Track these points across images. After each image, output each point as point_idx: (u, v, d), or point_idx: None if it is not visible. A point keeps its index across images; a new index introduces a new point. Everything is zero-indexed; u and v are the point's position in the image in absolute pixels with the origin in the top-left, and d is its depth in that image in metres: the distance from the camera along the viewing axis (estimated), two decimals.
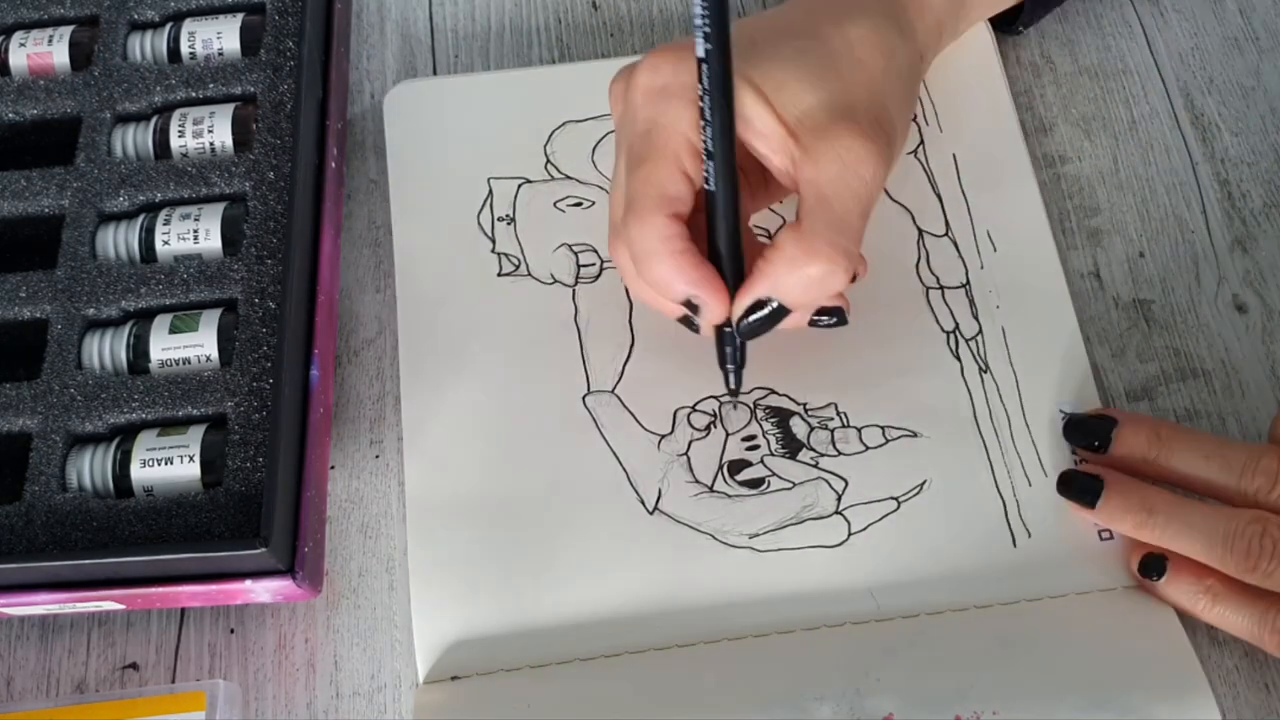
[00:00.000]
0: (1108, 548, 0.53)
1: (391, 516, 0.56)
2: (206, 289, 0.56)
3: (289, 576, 0.50)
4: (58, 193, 0.58)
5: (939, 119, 0.63)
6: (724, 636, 0.52)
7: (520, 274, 0.60)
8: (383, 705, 0.52)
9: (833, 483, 0.55)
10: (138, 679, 0.53)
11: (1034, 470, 0.55)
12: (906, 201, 0.61)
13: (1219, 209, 0.61)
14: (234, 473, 0.52)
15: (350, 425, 0.58)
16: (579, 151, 0.63)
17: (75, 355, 0.55)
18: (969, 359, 0.57)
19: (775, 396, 0.57)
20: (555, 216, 0.61)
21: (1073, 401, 0.56)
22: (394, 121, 0.64)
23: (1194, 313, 0.59)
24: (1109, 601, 0.52)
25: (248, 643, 0.54)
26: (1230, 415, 0.56)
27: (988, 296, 0.59)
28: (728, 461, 0.56)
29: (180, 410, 0.54)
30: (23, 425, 0.53)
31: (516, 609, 0.53)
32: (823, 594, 0.52)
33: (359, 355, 0.60)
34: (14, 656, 0.54)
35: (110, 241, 0.57)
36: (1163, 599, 0.51)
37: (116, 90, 0.61)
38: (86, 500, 0.52)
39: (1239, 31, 0.66)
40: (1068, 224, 0.61)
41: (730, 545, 0.54)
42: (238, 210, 0.58)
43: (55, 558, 0.50)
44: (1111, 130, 0.64)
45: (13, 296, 0.56)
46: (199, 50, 0.62)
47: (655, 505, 0.55)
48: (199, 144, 0.60)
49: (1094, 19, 0.67)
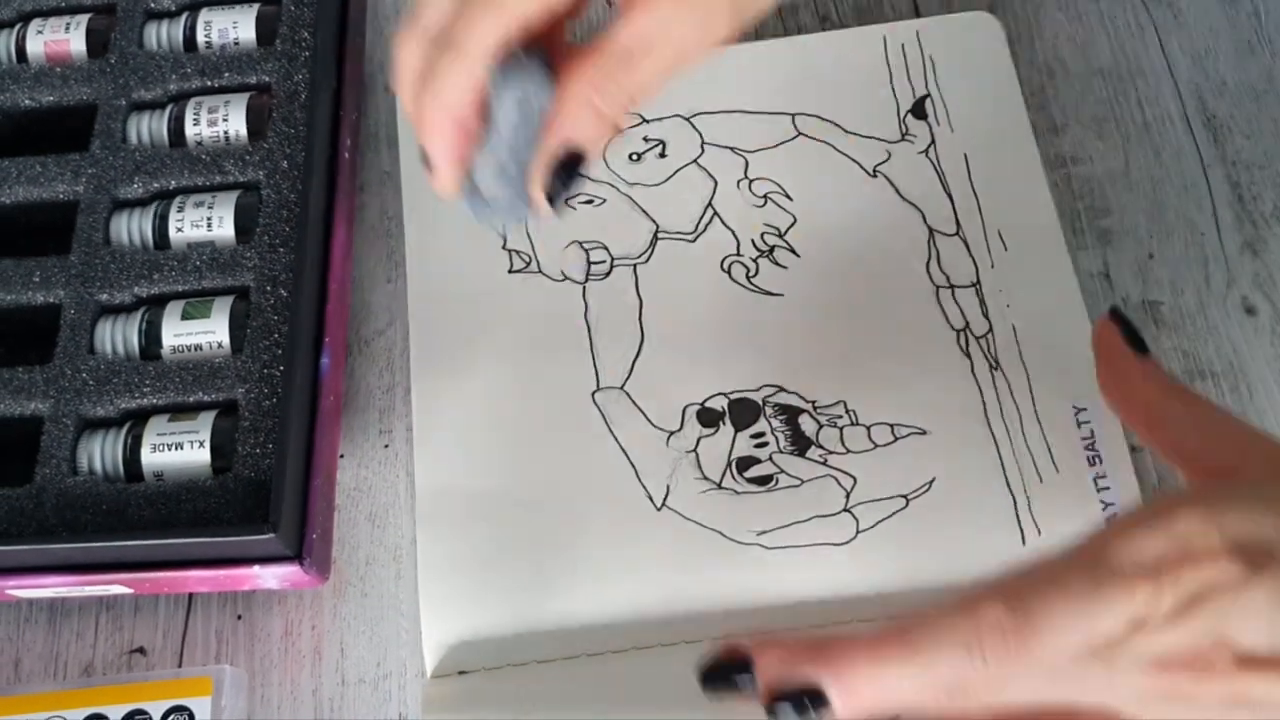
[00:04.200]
0: None
1: (400, 506, 0.56)
2: (219, 276, 0.56)
3: (297, 563, 0.50)
4: (73, 179, 0.58)
5: (950, 119, 0.63)
6: (731, 633, 0.51)
7: (531, 271, 0.60)
8: (388, 693, 0.52)
9: (841, 480, 0.54)
10: (145, 663, 0.53)
11: (1045, 467, 0.54)
12: (917, 201, 0.61)
13: (1230, 211, 0.61)
14: (244, 459, 0.52)
15: (360, 415, 0.58)
16: None
17: (88, 340, 0.55)
18: (979, 356, 0.57)
19: (784, 394, 0.56)
20: (566, 214, 0.61)
21: (1087, 398, 0.55)
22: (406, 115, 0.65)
23: (1203, 315, 0.59)
24: None
25: (254, 629, 0.54)
26: (1238, 417, 0.56)
27: (998, 295, 0.58)
28: (736, 458, 0.55)
29: (191, 396, 0.53)
30: (35, 409, 0.53)
31: (524, 605, 0.52)
32: (830, 592, 0.52)
33: (369, 345, 0.60)
34: (22, 639, 0.54)
35: (124, 228, 0.57)
36: None
37: (132, 78, 0.61)
38: (97, 484, 0.52)
39: (1252, 34, 0.66)
40: (1078, 224, 0.61)
41: (738, 542, 0.53)
42: (251, 198, 0.58)
43: (65, 540, 0.50)
44: (1123, 131, 0.63)
45: (26, 281, 0.56)
46: (215, 39, 0.62)
47: (663, 502, 0.54)
48: (213, 132, 0.59)
49: (1107, 20, 0.67)
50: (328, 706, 0.52)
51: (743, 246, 0.60)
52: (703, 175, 0.62)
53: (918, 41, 0.64)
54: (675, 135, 0.63)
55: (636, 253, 0.60)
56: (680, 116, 0.63)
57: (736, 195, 0.61)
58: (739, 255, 0.60)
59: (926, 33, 0.65)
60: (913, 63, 0.64)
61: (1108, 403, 0.44)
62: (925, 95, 0.63)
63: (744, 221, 0.60)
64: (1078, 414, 0.55)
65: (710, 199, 0.61)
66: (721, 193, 0.61)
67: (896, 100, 0.63)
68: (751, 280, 0.59)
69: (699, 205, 0.61)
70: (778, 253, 0.59)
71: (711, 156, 0.62)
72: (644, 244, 0.60)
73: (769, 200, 0.61)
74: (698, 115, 0.63)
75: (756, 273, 0.59)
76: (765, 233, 0.60)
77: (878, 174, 0.61)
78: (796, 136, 0.62)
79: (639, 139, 0.63)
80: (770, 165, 0.62)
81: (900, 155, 0.62)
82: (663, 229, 0.60)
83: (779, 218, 0.60)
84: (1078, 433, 0.55)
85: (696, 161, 0.62)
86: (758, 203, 0.61)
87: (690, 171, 0.62)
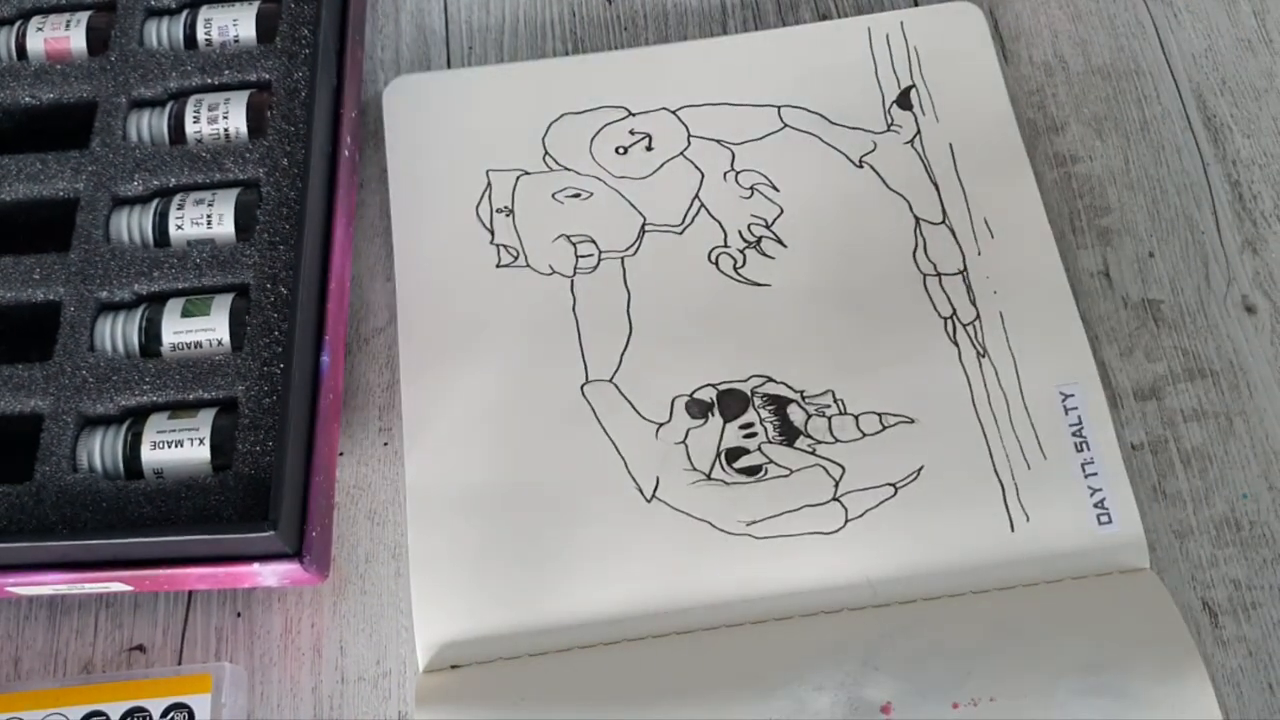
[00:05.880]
0: (1106, 532, 0.53)
1: (399, 504, 0.56)
2: (219, 273, 0.56)
3: (296, 560, 0.50)
4: (73, 176, 0.58)
5: (935, 108, 0.62)
6: (721, 624, 0.51)
7: (519, 265, 0.60)
8: (387, 691, 0.52)
9: (830, 469, 0.54)
10: (144, 660, 0.53)
11: (1033, 454, 0.54)
12: (903, 190, 0.60)
13: (1229, 210, 0.61)
14: (243, 456, 0.52)
15: (359, 412, 0.58)
16: (577, 143, 0.62)
17: (88, 337, 0.54)
18: (966, 343, 0.57)
19: (773, 384, 0.56)
20: (553, 208, 0.61)
21: (1073, 382, 0.56)
22: (393, 115, 0.64)
23: (1203, 313, 0.59)
24: (1106, 586, 0.51)
25: (254, 626, 0.54)
26: (1238, 415, 0.56)
27: (985, 282, 0.58)
28: (725, 449, 0.55)
29: (191, 393, 0.53)
30: (34, 406, 0.53)
31: (515, 598, 0.52)
32: (820, 581, 0.52)
33: (369, 343, 0.60)
34: (22, 637, 0.54)
35: (124, 225, 0.57)
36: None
37: (132, 75, 0.60)
38: (96, 481, 0.51)
39: (1252, 33, 0.66)
40: (1078, 223, 0.61)
41: (728, 533, 0.53)
42: (251, 196, 0.57)
43: (65, 538, 0.50)
44: (1123, 130, 0.63)
45: (26, 278, 0.56)
46: (215, 37, 0.62)
47: (653, 493, 0.54)
48: (214, 130, 0.59)
49: (1107, 19, 0.67)
50: (327, 704, 0.52)
51: (730, 238, 0.60)
52: (689, 168, 0.61)
53: (902, 32, 0.64)
54: (662, 128, 0.63)
55: (624, 245, 0.60)
56: (666, 110, 0.63)
57: (723, 187, 0.61)
58: (726, 247, 0.59)
59: (910, 24, 0.64)
60: (897, 54, 0.64)
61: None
62: (910, 86, 0.63)
63: (731, 213, 0.60)
64: (1065, 400, 0.55)
65: (697, 191, 0.61)
66: (708, 185, 0.61)
67: (882, 91, 0.63)
68: (739, 271, 0.59)
69: (686, 197, 0.61)
70: (765, 244, 0.59)
71: (698, 149, 0.62)
72: (631, 237, 0.60)
73: (756, 192, 0.61)
74: (684, 108, 0.63)
75: (744, 264, 0.59)
76: (752, 224, 0.60)
77: (864, 164, 0.61)
78: (783, 128, 0.62)
79: (625, 132, 0.62)
80: (756, 157, 0.62)
81: (886, 146, 0.62)
82: (650, 221, 0.60)
83: (766, 209, 0.60)
84: (1065, 419, 0.55)
85: (683, 154, 0.62)
86: (744, 194, 0.61)
87: (677, 164, 0.62)
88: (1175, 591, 0.52)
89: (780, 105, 0.63)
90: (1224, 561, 0.53)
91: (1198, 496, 0.55)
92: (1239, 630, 0.52)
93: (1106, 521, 0.53)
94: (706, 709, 0.49)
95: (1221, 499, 0.54)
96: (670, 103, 0.63)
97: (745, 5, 0.67)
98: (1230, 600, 0.53)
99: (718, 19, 0.67)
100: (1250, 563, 0.53)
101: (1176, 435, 0.56)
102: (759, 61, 0.64)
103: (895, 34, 0.64)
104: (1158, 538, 0.54)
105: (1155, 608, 0.51)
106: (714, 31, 0.67)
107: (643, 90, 0.64)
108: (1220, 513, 0.54)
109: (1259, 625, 0.52)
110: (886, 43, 0.64)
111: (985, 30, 0.64)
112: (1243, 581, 0.53)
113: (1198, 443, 0.56)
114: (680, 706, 0.49)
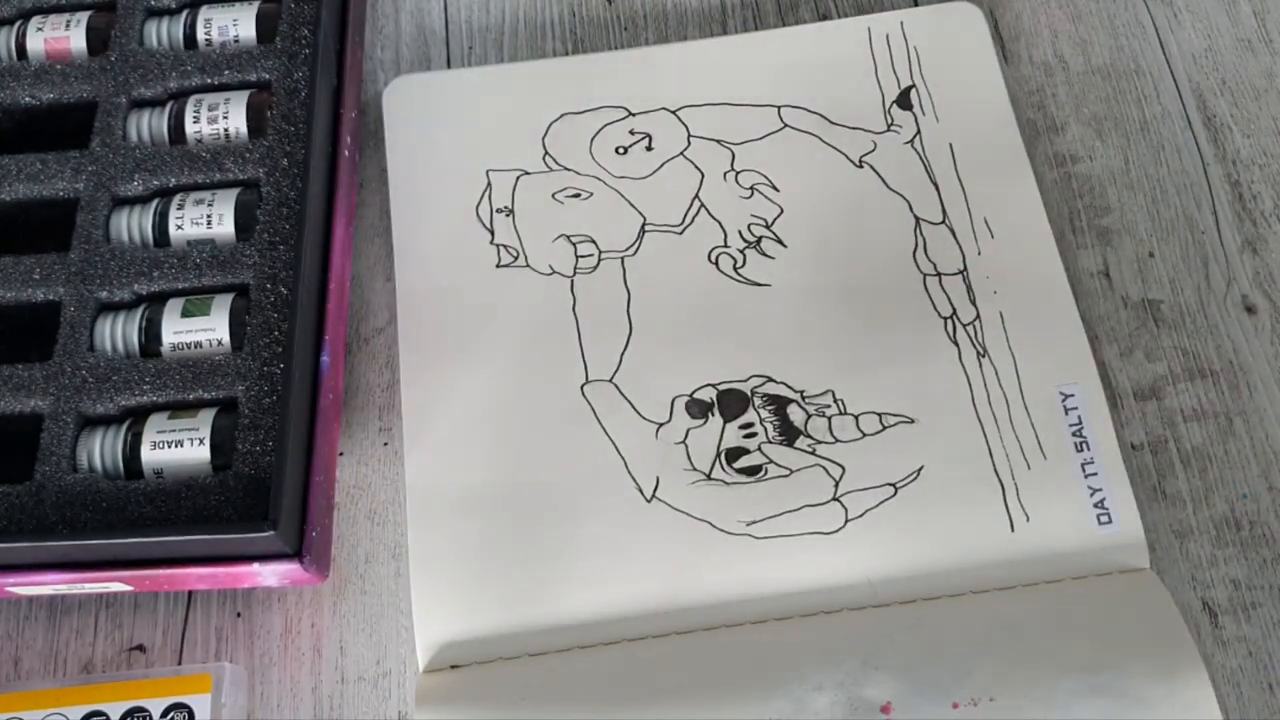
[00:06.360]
0: (1106, 532, 0.53)
1: (399, 504, 0.56)
2: (219, 273, 0.56)
3: (296, 560, 0.50)
4: (73, 176, 0.58)
5: (935, 109, 0.62)
6: (721, 624, 0.51)
7: (519, 265, 0.60)
8: (387, 691, 0.52)
9: (830, 469, 0.54)
10: (144, 660, 0.53)
11: (1033, 454, 0.54)
12: (903, 190, 0.60)
13: (1229, 210, 0.61)
14: (243, 456, 0.52)
15: (359, 412, 0.58)
16: (576, 143, 0.62)
17: (87, 337, 0.54)
18: (966, 343, 0.57)
19: (772, 384, 0.56)
20: (553, 208, 0.61)
21: (1073, 382, 0.56)
22: (393, 115, 0.64)
23: (1203, 313, 0.59)
24: (1106, 586, 0.51)
25: (254, 626, 0.54)
26: (1237, 415, 0.56)
27: (985, 282, 0.58)
28: (725, 449, 0.55)
29: (191, 393, 0.53)
30: (34, 406, 0.53)
31: (515, 598, 0.52)
32: (820, 581, 0.52)
33: (369, 343, 0.60)
34: (22, 637, 0.54)
35: (124, 225, 0.57)
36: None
37: (132, 75, 0.60)
38: (96, 481, 0.51)
39: (1252, 33, 0.66)
40: (1078, 223, 0.61)
41: (728, 533, 0.53)
42: (251, 196, 0.57)
43: (65, 538, 0.50)
44: (1123, 130, 0.63)
45: (26, 278, 0.56)
46: (215, 37, 0.62)
47: (653, 493, 0.54)
48: (213, 130, 0.59)
49: (1107, 19, 0.67)
50: (327, 704, 0.52)
51: (730, 238, 0.60)
52: (689, 167, 0.61)
53: (902, 32, 0.64)
54: (662, 128, 0.62)
55: (624, 245, 0.60)
56: (666, 110, 0.63)
57: (723, 187, 0.61)
58: (726, 246, 0.59)
59: (910, 24, 0.64)
60: (897, 54, 0.64)
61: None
62: (910, 86, 0.63)
63: (731, 213, 0.60)
64: (1065, 399, 0.55)
65: (697, 191, 0.61)
66: (708, 185, 0.61)
67: (882, 91, 0.63)
68: (739, 271, 0.59)
69: (686, 197, 0.61)
70: (765, 243, 0.59)
71: (698, 149, 0.62)
72: (631, 237, 0.60)
73: (755, 192, 0.61)
74: (684, 108, 0.63)
75: (744, 264, 0.59)
76: (752, 224, 0.60)
77: (864, 164, 0.61)
78: (783, 128, 0.62)
79: (625, 132, 0.62)
80: (756, 157, 0.61)
81: (886, 146, 0.61)
82: (650, 221, 0.60)
83: (766, 209, 0.60)
84: (1065, 419, 0.55)
85: (683, 154, 0.62)
86: (744, 194, 0.61)
87: (677, 164, 0.62)
88: (1175, 591, 0.52)
89: (780, 105, 0.63)
90: (1224, 561, 0.53)
91: (1197, 496, 0.55)
92: (1239, 630, 0.52)
93: (1106, 521, 0.53)
94: (706, 709, 0.49)
95: (1221, 499, 0.54)
96: (670, 103, 0.63)
97: (745, 5, 0.67)
98: (1230, 600, 0.53)
99: (718, 19, 0.67)
100: (1250, 563, 0.53)
101: (1176, 435, 0.56)
102: (759, 61, 0.64)
103: (895, 34, 0.64)
104: (1158, 538, 0.54)
105: (1155, 608, 0.50)
106: (714, 31, 0.67)
107: (643, 90, 0.63)
108: (1220, 513, 0.54)
109: (1259, 625, 0.52)
110: (886, 43, 0.64)
111: (985, 30, 0.64)
112: (1243, 581, 0.53)
113: (1198, 443, 0.56)
114: (680, 706, 0.49)
